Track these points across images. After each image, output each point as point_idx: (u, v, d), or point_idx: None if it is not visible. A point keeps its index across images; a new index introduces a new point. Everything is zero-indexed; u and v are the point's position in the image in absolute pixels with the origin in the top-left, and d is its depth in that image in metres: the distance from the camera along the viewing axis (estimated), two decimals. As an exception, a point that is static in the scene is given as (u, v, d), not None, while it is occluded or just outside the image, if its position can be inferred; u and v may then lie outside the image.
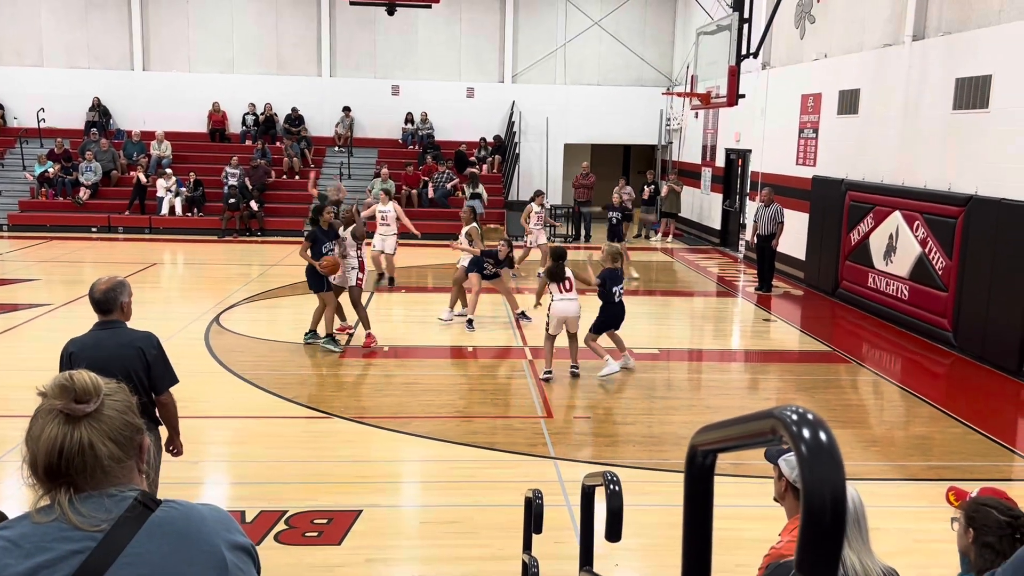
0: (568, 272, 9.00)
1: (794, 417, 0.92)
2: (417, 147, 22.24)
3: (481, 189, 19.59)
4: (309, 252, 9.63)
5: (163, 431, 4.64)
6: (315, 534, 5.42)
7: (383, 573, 5.13)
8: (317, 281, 9.76)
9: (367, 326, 9.99)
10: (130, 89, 21.99)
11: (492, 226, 19.80)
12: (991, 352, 9.86)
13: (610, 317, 9.13)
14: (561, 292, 8.89)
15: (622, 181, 20.90)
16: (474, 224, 11.58)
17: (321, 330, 9.98)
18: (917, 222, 11.40)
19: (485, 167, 21.85)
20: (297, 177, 21.11)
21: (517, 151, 22.40)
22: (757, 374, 9.98)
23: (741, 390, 9.27)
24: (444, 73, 22.94)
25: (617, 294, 9.06)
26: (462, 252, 11.56)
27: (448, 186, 20.30)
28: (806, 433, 0.88)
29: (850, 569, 2.39)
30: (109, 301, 4.33)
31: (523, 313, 11.57)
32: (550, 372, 8.94)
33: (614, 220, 14.89)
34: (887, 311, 12.09)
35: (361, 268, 10.06)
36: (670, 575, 5.03)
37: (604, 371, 8.91)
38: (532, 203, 14.82)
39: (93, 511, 1.46)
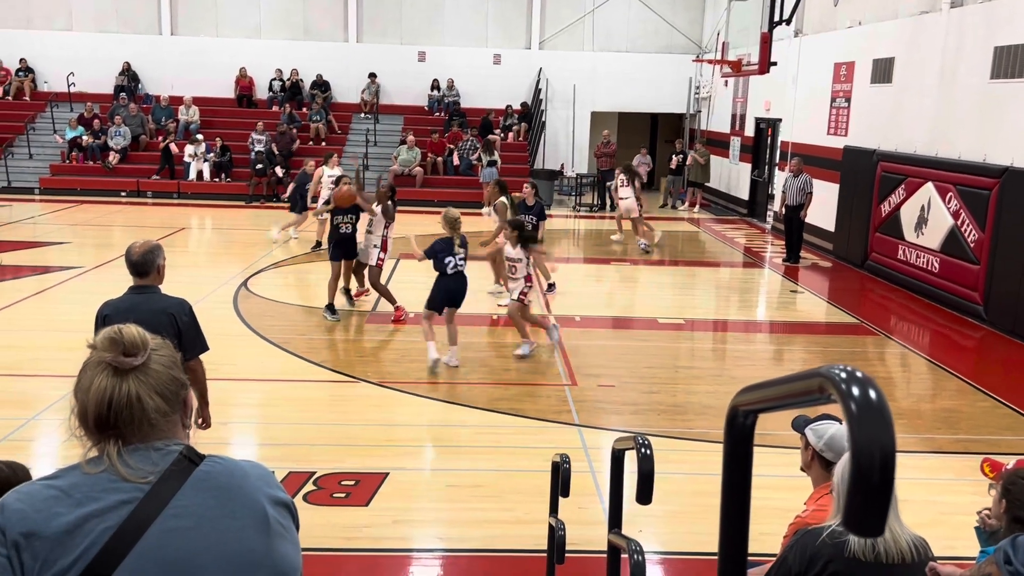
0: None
1: (843, 375, 0.92)
2: (443, 114, 22.16)
3: (497, 156, 19.48)
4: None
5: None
6: (343, 495, 5.50)
7: (409, 534, 5.20)
8: (336, 251, 9.71)
9: (392, 301, 9.85)
10: (159, 54, 22.04)
11: (518, 195, 19.73)
12: (1023, 326, 9.73)
13: (442, 292, 8.22)
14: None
15: (643, 150, 20.74)
16: (502, 199, 10.98)
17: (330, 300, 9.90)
18: (950, 194, 11.22)
19: (511, 135, 21.74)
20: (324, 144, 21.12)
21: (543, 119, 22.24)
22: (783, 345, 9.94)
23: (767, 361, 9.24)
24: (471, 39, 22.76)
25: (451, 265, 8.14)
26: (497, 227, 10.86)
27: (471, 157, 20.22)
28: (855, 391, 0.88)
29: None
30: (147, 263, 4.38)
31: (552, 285, 11.46)
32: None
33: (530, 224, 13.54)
34: (917, 283, 11.96)
35: (383, 247, 9.82)
36: (694, 541, 5.07)
37: (447, 358, 8.20)
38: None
39: (140, 463, 1.49)
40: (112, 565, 1.40)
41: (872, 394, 0.88)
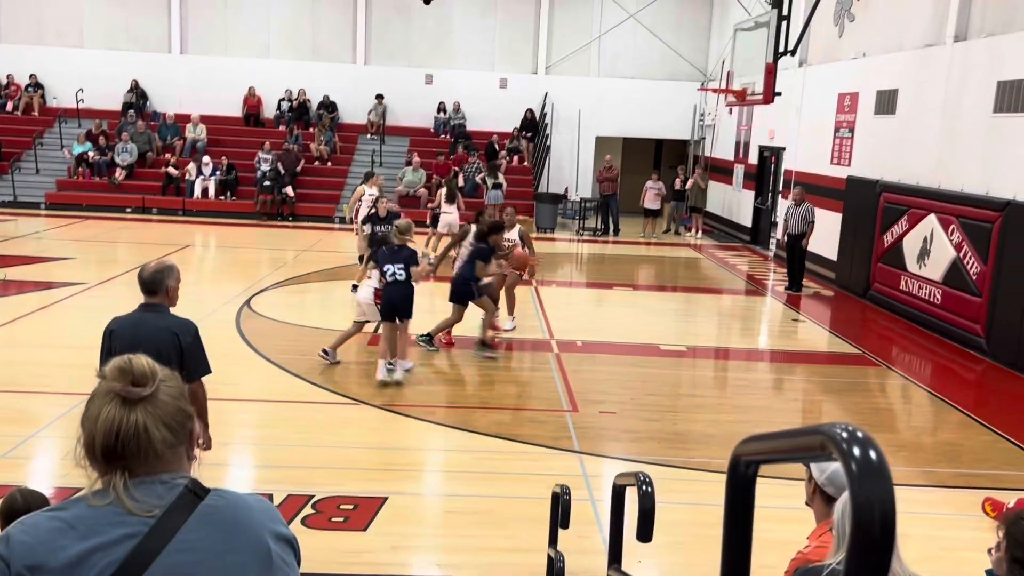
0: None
1: (844, 435, 0.93)
2: (449, 137, 22.28)
3: (502, 179, 19.55)
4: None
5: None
6: (341, 519, 5.49)
7: (408, 560, 5.18)
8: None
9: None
10: (168, 72, 22.22)
11: (522, 218, 19.79)
12: (1024, 360, 9.73)
13: (383, 301, 8.22)
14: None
15: (655, 176, 20.86)
16: (519, 227, 10.71)
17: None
18: (952, 226, 11.25)
19: (516, 158, 21.83)
20: (329, 164, 21.22)
21: (548, 143, 22.35)
22: (784, 375, 9.93)
23: (768, 390, 9.23)
24: (478, 63, 22.94)
25: (388, 273, 8.10)
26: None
27: (477, 178, 20.32)
28: (856, 451, 0.89)
29: None
30: (155, 283, 4.44)
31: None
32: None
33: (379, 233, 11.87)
34: (919, 315, 11.96)
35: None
36: (694, 573, 5.05)
37: (396, 374, 8.22)
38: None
39: (146, 496, 1.50)
40: None
41: (872, 454, 0.89)
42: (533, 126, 22.31)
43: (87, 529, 1.45)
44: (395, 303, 8.15)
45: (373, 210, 11.81)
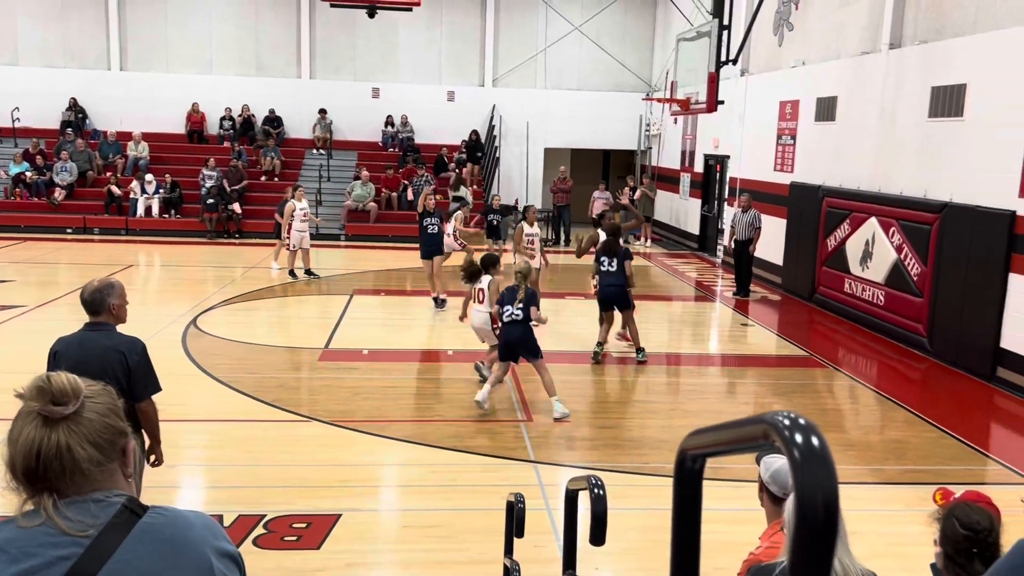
0: (483, 282, 8.59)
1: (786, 422, 0.93)
2: (397, 150, 22.19)
3: (463, 191, 19.45)
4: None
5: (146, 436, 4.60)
6: (294, 538, 5.39)
7: (363, 577, 5.11)
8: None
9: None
10: (107, 89, 21.77)
11: (473, 230, 19.77)
12: (965, 357, 9.98)
13: (501, 343, 8.06)
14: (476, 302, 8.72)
15: (602, 186, 21.07)
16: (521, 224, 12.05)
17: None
18: (893, 228, 11.53)
19: (464, 170, 21.81)
20: (276, 179, 20.98)
21: (498, 155, 22.39)
22: (735, 378, 10.05)
23: (719, 394, 9.33)
24: (424, 76, 22.91)
25: (507, 314, 7.86)
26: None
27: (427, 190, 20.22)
28: (798, 438, 0.89)
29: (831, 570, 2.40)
30: (96, 302, 4.33)
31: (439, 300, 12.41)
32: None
33: (495, 222, 15.73)
34: (863, 316, 12.22)
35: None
36: (650, 579, 5.06)
37: (557, 412, 7.83)
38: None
39: (79, 516, 1.43)
40: None
41: (815, 441, 0.89)
42: (478, 146, 22.24)
43: (19, 552, 1.39)
44: (513, 342, 7.86)
45: (422, 207, 12.63)
